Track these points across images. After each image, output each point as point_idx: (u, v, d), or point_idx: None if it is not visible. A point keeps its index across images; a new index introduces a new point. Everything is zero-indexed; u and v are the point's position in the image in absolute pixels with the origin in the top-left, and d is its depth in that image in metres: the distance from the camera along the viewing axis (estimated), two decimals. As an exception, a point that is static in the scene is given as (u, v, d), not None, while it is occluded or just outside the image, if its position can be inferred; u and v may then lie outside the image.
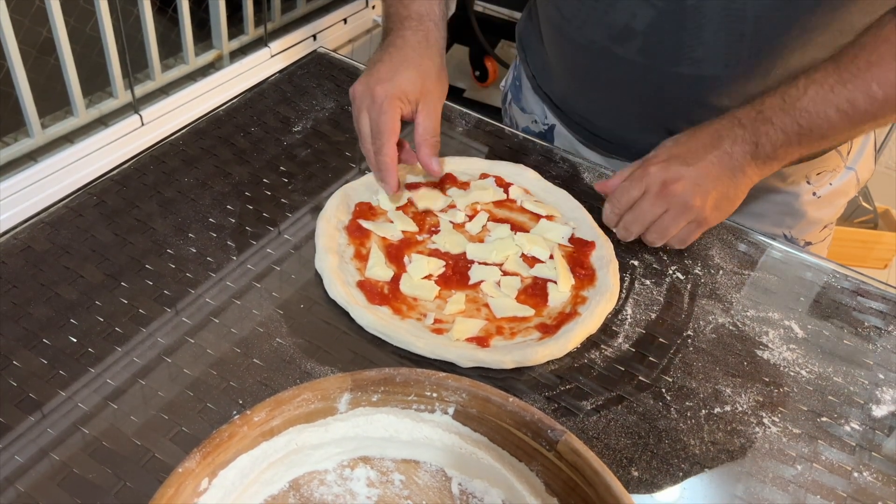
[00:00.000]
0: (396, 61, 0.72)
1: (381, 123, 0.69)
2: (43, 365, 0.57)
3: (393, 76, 0.70)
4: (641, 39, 0.72)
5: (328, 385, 0.50)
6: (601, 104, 0.82)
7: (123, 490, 0.50)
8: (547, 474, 0.49)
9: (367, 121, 0.71)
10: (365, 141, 0.71)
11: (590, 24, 0.75)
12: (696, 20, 0.69)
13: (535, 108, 0.92)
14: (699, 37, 0.69)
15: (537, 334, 0.63)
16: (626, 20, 0.72)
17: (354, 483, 0.51)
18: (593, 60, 0.78)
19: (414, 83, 0.71)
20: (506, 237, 0.71)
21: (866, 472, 0.57)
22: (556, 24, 0.80)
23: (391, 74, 0.71)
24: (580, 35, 0.77)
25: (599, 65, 0.78)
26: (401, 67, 0.71)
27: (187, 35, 1.65)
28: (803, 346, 0.66)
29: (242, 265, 0.67)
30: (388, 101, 0.69)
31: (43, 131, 1.57)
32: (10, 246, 0.66)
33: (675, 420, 0.59)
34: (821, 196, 0.83)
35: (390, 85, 0.70)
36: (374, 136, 0.70)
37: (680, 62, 0.72)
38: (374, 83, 0.70)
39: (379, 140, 0.69)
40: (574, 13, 0.77)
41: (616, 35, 0.74)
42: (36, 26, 1.35)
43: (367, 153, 0.72)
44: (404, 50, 0.73)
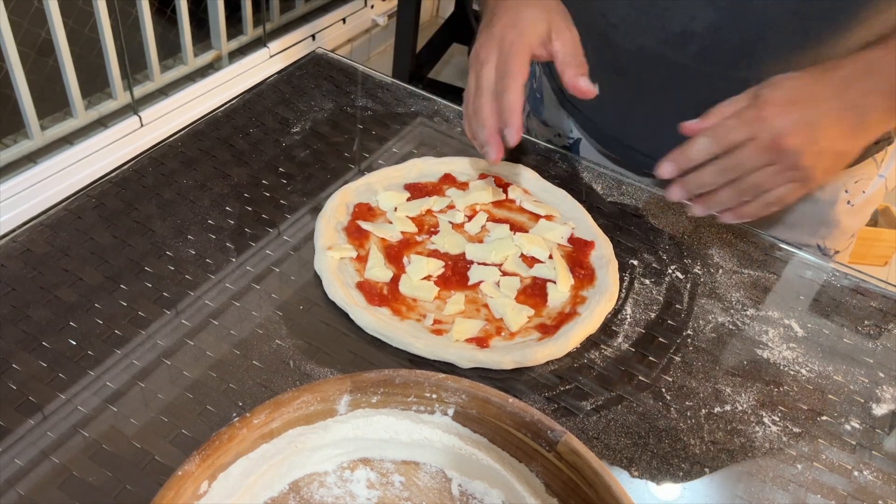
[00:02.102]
0: (513, 7, 0.67)
1: (511, 63, 0.64)
2: (42, 368, 0.57)
3: (517, 21, 0.66)
4: (699, 43, 0.69)
5: (328, 387, 0.50)
6: (643, 114, 0.79)
7: (123, 493, 0.50)
8: (547, 475, 0.49)
9: (491, 72, 0.65)
10: (479, 97, 0.65)
11: (641, 29, 0.72)
12: (762, 20, 0.66)
13: (559, 122, 0.89)
14: (763, 38, 0.66)
15: (537, 334, 0.63)
16: (683, 23, 0.69)
17: (354, 485, 0.51)
18: (641, 67, 0.74)
19: (541, 20, 0.66)
20: (505, 237, 0.71)
21: (867, 470, 0.57)
22: (598, 30, 0.75)
23: (514, 20, 0.66)
24: (628, 41, 0.73)
25: (647, 72, 0.74)
26: (522, 10, 0.67)
27: (186, 36, 1.65)
28: (803, 344, 0.66)
29: (241, 267, 0.67)
30: (518, 44, 0.64)
31: (42, 133, 1.57)
32: (10, 249, 0.66)
33: (675, 420, 0.59)
34: (854, 205, 0.81)
35: (517, 30, 0.65)
36: (499, 78, 0.64)
37: (739, 66, 0.69)
38: (498, 34, 0.65)
39: (505, 80, 0.64)
40: (622, 18, 0.73)
41: (671, 39, 0.70)
42: (35, 27, 1.35)
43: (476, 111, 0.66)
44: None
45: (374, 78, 0.92)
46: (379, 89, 0.90)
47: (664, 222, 0.77)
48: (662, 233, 0.76)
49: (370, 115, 0.86)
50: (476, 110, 0.66)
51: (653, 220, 0.77)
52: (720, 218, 0.64)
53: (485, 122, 0.65)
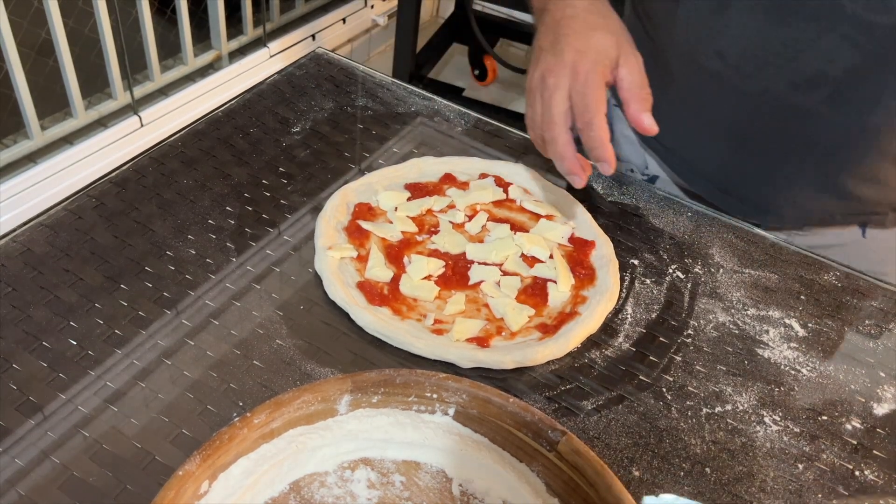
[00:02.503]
0: (581, 30, 0.65)
1: (590, 95, 0.62)
2: (43, 368, 0.57)
3: (587, 47, 0.64)
4: (833, 87, 0.65)
5: (328, 387, 0.50)
6: (749, 160, 0.75)
7: (124, 493, 0.50)
8: (548, 475, 0.49)
9: (563, 99, 0.63)
10: (553, 126, 0.64)
11: (767, 71, 0.68)
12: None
13: (633, 158, 0.86)
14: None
15: (537, 334, 0.63)
16: (819, 66, 0.65)
17: (355, 484, 0.51)
18: (759, 112, 0.71)
19: (612, 47, 0.64)
20: (505, 237, 0.71)
21: (867, 470, 0.57)
22: (713, 72, 0.72)
23: (584, 46, 0.64)
24: (750, 83, 0.70)
25: (765, 117, 0.71)
26: (591, 35, 0.65)
27: (186, 36, 1.65)
28: (804, 344, 0.66)
29: (242, 266, 0.67)
30: (593, 73, 0.62)
31: (42, 133, 1.57)
32: (10, 249, 0.66)
33: (675, 419, 0.59)
34: None
35: (589, 59, 0.63)
36: (581, 112, 0.63)
37: (875, 111, 0.66)
38: (569, 61, 0.63)
39: (588, 113, 0.62)
40: (745, 58, 0.69)
41: (801, 83, 0.66)
42: (35, 28, 1.35)
43: (552, 140, 0.64)
44: (581, 17, 0.66)
45: (374, 78, 0.92)
46: (379, 89, 0.90)
47: (665, 222, 0.77)
48: (663, 232, 0.76)
49: (370, 114, 0.86)
50: (552, 140, 0.65)
51: (653, 219, 0.77)
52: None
53: (564, 154, 0.64)
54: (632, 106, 0.64)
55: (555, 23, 0.67)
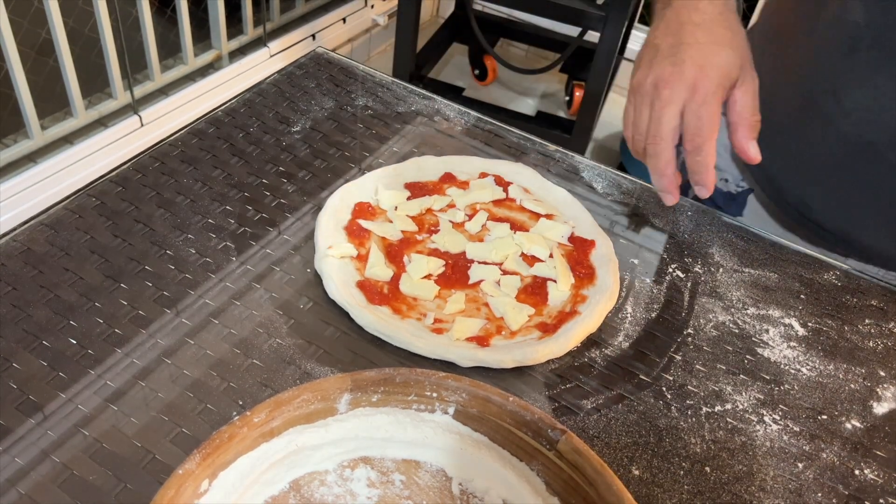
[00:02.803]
0: (706, 43, 0.61)
1: (705, 118, 0.60)
2: (43, 367, 0.57)
3: (708, 63, 0.60)
4: None
5: (328, 385, 0.50)
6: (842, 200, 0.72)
7: (124, 492, 0.50)
8: (548, 473, 0.49)
9: (675, 116, 0.61)
10: (659, 140, 0.61)
11: (877, 126, 0.65)
12: None
13: (729, 169, 0.83)
14: None
15: (537, 333, 0.63)
16: None
17: (355, 483, 0.51)
18: (861, 162, 0.68)
19: (734, 67, 0.61)
20: (505, 236, 0.71)
21: (867, 469, 0.57)
22: (825, 112, 0.69)
23: (706, 60, 0.60)
24: (855, 130, 0.67)
25: (866, 167, 0.68)
26: (716, 51, 0.61)
27: (186, 35, 1.65)
28: (804, 343, 0.66)
29: (242, 266, 0.67)
30: (715, 93, 0.60)
31: (42, 133, 1.57)
32: (10, 248, 0.66)
33: (675, 418, 0.59)
34: None
35: (710, 78, 0.60)
36: (693, 132, 0.60)
37: None
38: (689, 76, 0.60)
39: (700, 137, 0.60)
40: (859, 108, 0.66)
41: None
42: (35, 27, 1.35)
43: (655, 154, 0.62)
44: (708, 27, 0.62)
45: (374, 77, 0.92)
46: (379, 88, 0.90)
47: (665, 221, 0.77)
48: (663, 231, 0.76)
49: (370, 114, 0.86)
50: (655, 154, 0.63)
51: (653, 218, 0.77)
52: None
53: (664, 172, 0.63)
54: (739, 132, 0.62)
55: (678, 25, 0.63)
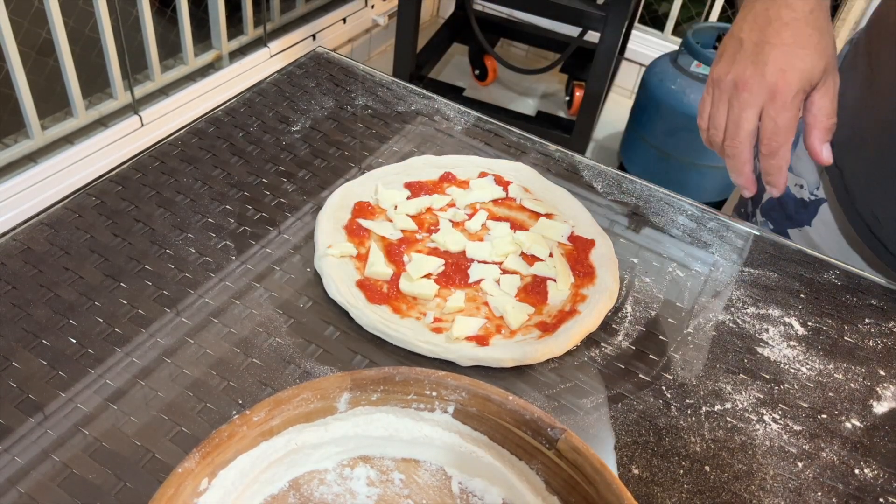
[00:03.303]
0: (791, 45, 0.60)
1: (783, 123, 0.59)
2: (43, 366, 0.57)
3: (791, 65, 0.59)
4: None
5: (328, 384, 0.50)
6: None
7: (123, 490, 0.50)
8: (547, 472, 0.49)
9: (754, 118, 0.60)
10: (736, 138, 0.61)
11: None
12: None
13: (806, 174, 0.81)
14: None
15: (537, 332, 0.63)
16: None
17: (354, 482, 0.51)
18: None
19: (817, 71, 0.60)
20: (505, 235, 0.71)
21: (867, 469, 0.57)
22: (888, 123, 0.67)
23: (790, 62, 0.60)
24: None
25: None
26: (799, 53, 0.60)
27: (186, 36, 1.65)
28: (803, 342, 0.66)
29: (242, 265, 0.67)
30: (794, 98, 0.59)
31: (43, 133, 1.57)
32: (10, 247, 0.66)
33: (675, 418, 0.59)
34: None
35: (794, 79, 0.59)
36: (769, 135, 0.60)
37: None
38: (771, 77, 0.59)
39: (776, 141, 0.59)
40: None
41: None
42: (35, 28, 1.35)
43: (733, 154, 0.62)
44: (796, 26, 0.61)
45: (374, 77, 0.92)
46: (379, 88, 0.90)
47: (664, 220, 0.77)
48: (662, 231, 0.76)
49: (370, 113, 0.86)
50: (733, 155, 0.63)
51: (653, 218, 0.77)
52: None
53: (742, 171, 0.63)
54: (813, 134, 0.62)
55: (766, 21, 0.62)
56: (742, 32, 0.63)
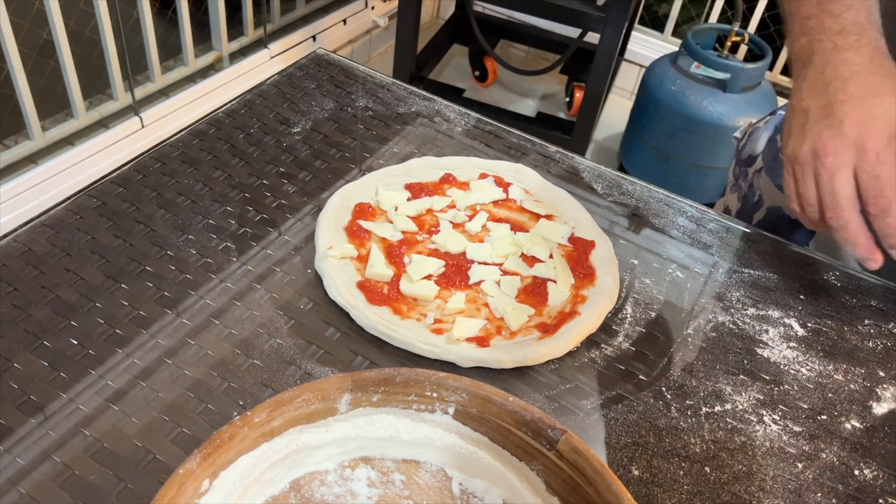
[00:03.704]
0: (862, 96, 0.57)
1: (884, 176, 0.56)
2: (44, 367, 0.57)
3: (872, 117, 0.56)
4: None
5: (328, 385, 0.50)
6: None
7: (124, 491, 0.50)
8: (547, 473, 0.49)
9: (849, 181, 0.57)
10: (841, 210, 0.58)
11: None
12: None
13: None
14: None
15: (537, 334, 0.63)
16: None
17: (355, 483, 0.51)
18: None
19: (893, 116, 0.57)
20: (505, 237, 0.71)
21: (867, 469, 0.57)
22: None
23: (869, 115, 0.57)
24: None
25: None
26: (875, 102, 0.57)
27: (187, 37, 1.65)
28: (803, 343, 0.66)
29: (243, 266, 0.67)
30: (885, 152, 0.56)
31: (43, 134, 1.58)
32: (11, 248, 0.66)
33: (675, 419, 0.59)
34: None
35: (878, 129, 0.56)
36: (873, 197, 0.57)
37: None
38: (853, 133, 0.56)
39: (883, 200, 0.56)
40: None
41: None
42: (36, 29, 1.35)
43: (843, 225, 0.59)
44: (860, 78, 0.58)
45: (374, 78, 0.92)
46: (380, 89, 0.90)
47: (664, 222, 0.77)
48: (662, 232, 0.76)
49: (371, 115, 0.86)
50: (841, 227, 0.59)
51: (653, 219, 0.77)
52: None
53: (858, 241, 0.60)
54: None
55: (824, 84, 0.59)
56: (803, 102, 0.60)
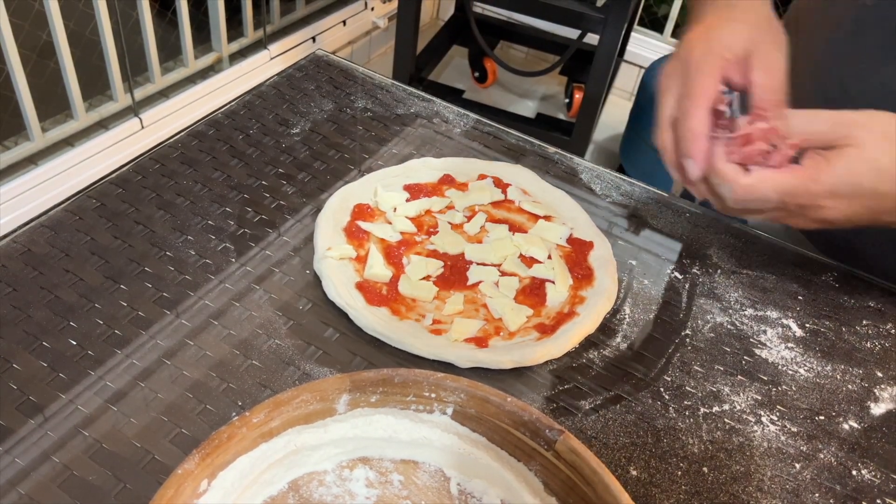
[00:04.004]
0: (713, 22, 0.59)
1: (689, 85, 0.56)
2: (43, 368, 0.57)
3: (710, 33, 0.58)
4: None
5: (327, 386, 0.50)
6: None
7: (123, 492, 0.51)
8: (545, 473, 0.49)
9: (670, 102, 0.58)
10: (660, 129, 0.59)
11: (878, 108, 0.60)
12: None
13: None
14: None
15: (535, 334, 0.63)
16: None
17: (353, 484, 0.51)
18: None
19: (740, 36, 0.57)
20: (504, 238, 0.71)
21: (865, 470, 0.57)
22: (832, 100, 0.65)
23: (708, 31, 0.58)
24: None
25: None
26: (720, 25, 0.58)
27: (186, 38, 1.66)
28: (801, 344, 0.66)
29: (242, 267, 0.67)
30: (703, 62, 0.56)
31: (43, 135, 1.58)
32: (10, 249, 0.66)
33: (673, 419, 0.59)
34: None
35: (707, 44, 0.57)
36: (679, 100, 0.57)
37: None
38: (685, 50, 0.58)
39: (685, 102, 0.56)
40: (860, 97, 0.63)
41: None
42: (36, 30, 1.35)
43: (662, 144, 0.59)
44: (722, 9, 0.60)
45: (373, 79, 0.92)
46: (379, 90, 0.90)
47: (663, 222, 0.77)
48: (661, 233, 0.76)
49: (370, 116, 0.86)
50: (661, 144, 0.61)
51: (651, 220, 0.78)
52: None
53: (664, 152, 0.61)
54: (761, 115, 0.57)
55: (696, 15, 0.62)
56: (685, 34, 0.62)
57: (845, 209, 0.54)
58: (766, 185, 0.54)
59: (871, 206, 0.54)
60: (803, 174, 0.53)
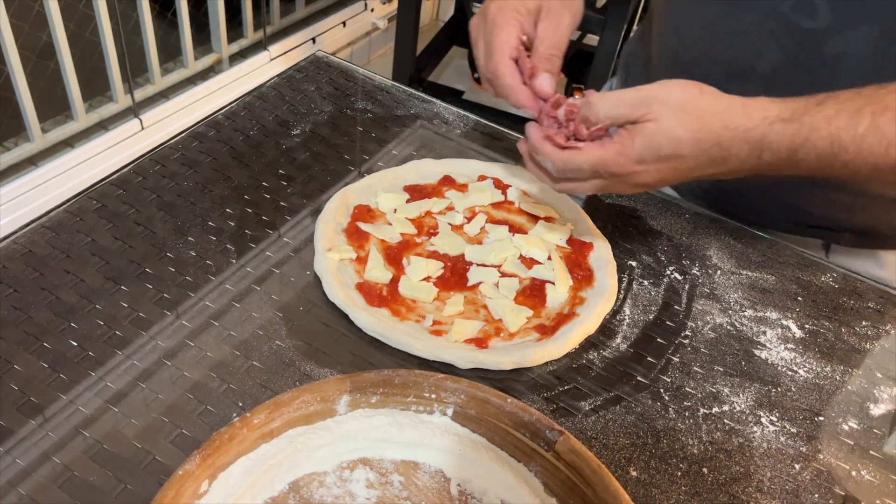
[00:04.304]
0: None
1: (492, 39, 0.64)
2: (44, 369, 0.57)
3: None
4: (762, 84, 0.63)
5: (327, 387, 0.50)
6: None
7: (124, 492, 0.51)
8: (545, 474, 0.49)
9: (481, 51, 0.66)
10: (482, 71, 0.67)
11: (708, 58, 0.69)
12: (832, 72, 0.62)
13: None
14: (832, 84, 0.59)
15: (536, 335, 0.63)
16: (749, 60, 0.66)
17: (354, 484, 0.51)
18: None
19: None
20: (504, 239, 0.71)
21: (864, 471, 0.58)
22: (671, 48, 0.74)
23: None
24: (696, 66, 0.70)
25: None
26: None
27: (187, 39, 1.66)
28: (801, 345, 0.67)
29: (242, 268, 0.67)
30: (500, 15, 0.64)
31: (43, 136, 1.58)
32: (11, 250, 0.66)
33: (673, 420, 0.59)
34: None
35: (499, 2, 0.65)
36: (486, 58, 0.65)
37: None
38: (485, 6, 0.66)
39: (492, 60, 0.64)
40: (694, 41, 0.70)
41: (735, 74, 0.67)
42: (36, 31, 1.35)
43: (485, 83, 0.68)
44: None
45: (373, 80, 0.92)
46: (379, 92, 0.91)
47: (662, 223, 0.77)
48: (661, 234, 0.76)
49: (370, 117, 0.87)
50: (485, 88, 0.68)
51: (651, 221, 0.78)
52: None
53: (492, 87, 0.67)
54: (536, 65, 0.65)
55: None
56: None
57: (654, 173, 0.60)
58: (578, 157, 0.60)
59: (676, 166, 0.59)
60: (611, 147, 0.59)
